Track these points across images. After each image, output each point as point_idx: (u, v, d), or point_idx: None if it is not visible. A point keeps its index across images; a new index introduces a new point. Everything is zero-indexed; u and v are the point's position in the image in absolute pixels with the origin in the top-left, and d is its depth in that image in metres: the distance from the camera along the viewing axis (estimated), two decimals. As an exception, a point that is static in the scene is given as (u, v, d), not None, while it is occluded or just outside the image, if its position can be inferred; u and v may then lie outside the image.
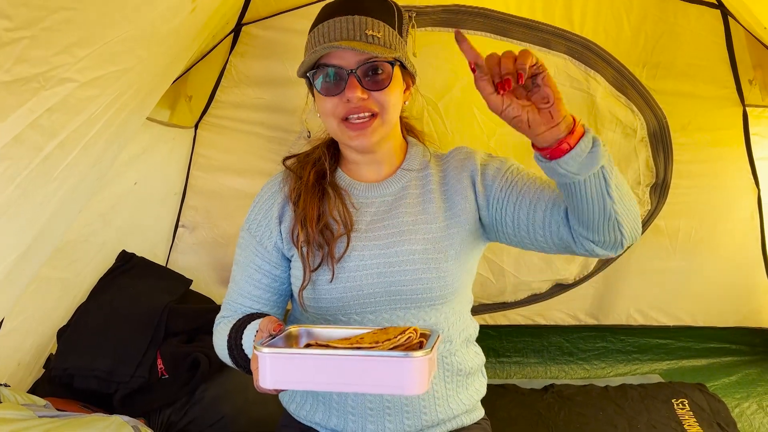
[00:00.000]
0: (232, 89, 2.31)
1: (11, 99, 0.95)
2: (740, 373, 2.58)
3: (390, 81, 1.25)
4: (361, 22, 1.22)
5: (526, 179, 1.29)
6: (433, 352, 0.96)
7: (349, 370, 0.94)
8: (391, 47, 1.25)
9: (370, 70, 1.23)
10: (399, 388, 0.96)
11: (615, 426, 2.19)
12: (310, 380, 0.97)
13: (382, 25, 1.24)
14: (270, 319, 1.14)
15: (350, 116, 1.25)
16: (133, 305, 2.00)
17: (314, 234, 1.29)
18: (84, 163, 1.37)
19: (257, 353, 0.97)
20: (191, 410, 1.87)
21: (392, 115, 1.28)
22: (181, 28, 1.44)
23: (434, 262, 1.27)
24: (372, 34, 1.22)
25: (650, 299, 2.66)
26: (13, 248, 1.32)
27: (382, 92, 1.24)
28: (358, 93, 1.22)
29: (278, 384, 0.98)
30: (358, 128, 1.25)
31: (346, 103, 1.23)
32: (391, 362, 0.92)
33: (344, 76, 1.22)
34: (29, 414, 1.42)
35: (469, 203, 1.32)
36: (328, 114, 1.27)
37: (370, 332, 1.05)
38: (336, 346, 0.99)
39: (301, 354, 0.98)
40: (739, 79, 2.31)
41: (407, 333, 0.99)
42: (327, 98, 1.25)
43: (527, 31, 2.23)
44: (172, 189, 2.38)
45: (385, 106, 1.25)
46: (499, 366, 2.72)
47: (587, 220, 1.14)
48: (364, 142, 1.27)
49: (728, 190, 2.50)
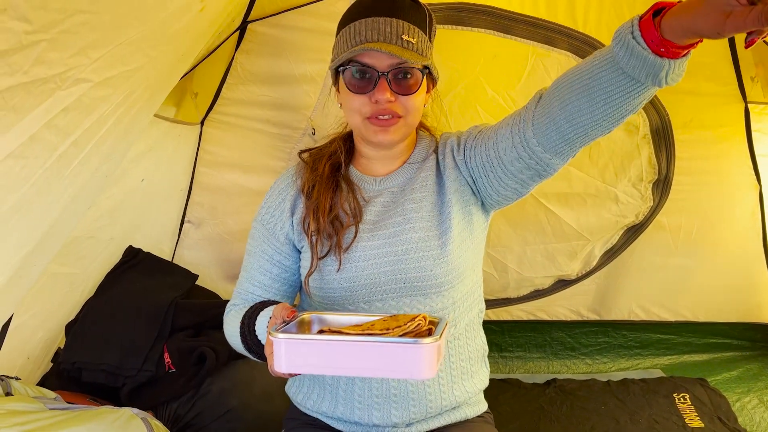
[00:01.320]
0: (237, 86, 2.33)
1: (29, 99, 0.96)
2: (741, 368, 2.61)
3: (418, 87, 1.28)
4: (399, 26, 1.25)
5: (483, 131, 1.33)
6: (442, 339, 1.00)
7: (361, 356, 0.98)
8: (423, 54, 1.27)
9: (400, 74, 1.26)
10: (409, 373, 1.00)
11: (617, 420, 2.21)
12: (324, 365, 1.01)
13: (416, 31, 1.27)
14: (284, 306, 1.17)
15: (376, 115, 1.28)
16: (140, 300, 2.02)
17: (325, 224, 1.33)
18: (95, 161, 1.39)
19: (272, 338, 1.00)
20: (198, 403, 1.89)
21: (415, 119, 1.32)
22: (189, 27, 1.45)
23: (437, 248, 1.30)
24: (408, 39, 1.25)
25: (652, 295, 2.68)
26: (24, 245, 1.34)
27: (409, 97, 1.28)
28: (387, 95, 1.25)
29: (292, 368, 1.01)
30: (382, 125, 1.29)
31: (374, 104, 1.26)
32: (401, 348, 0.96)
33: (375, 76, 1.25)
34: (40, 406, 1.44)
35: (455, 181, 1.35)
36: (354, 110, 1.30)
37: (381, 319, 1.08)
38: (349, 332, 1.02)
39: (315, 339, 1.02)
40: (741, 76, 2.32)
41: (417, 320, 1.03)
42: (355, 95, 1.28)
43: (531, 29, 2.24)
44: (178, 185, 2.39)
45: (410, 111, 1.29)
46: (502, 361, 2.74)
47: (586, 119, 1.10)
48: (386, 139, 1.30)
49: (730, 186, 2.51)
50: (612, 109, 1.08)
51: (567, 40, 2.25)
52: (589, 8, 2.23)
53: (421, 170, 1.39)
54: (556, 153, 1.20)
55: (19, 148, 1.02)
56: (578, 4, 2.23)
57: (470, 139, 1.35)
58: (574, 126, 1.13)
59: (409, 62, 1.24)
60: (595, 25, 2.24)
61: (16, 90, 0.92)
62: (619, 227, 2.55)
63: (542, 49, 2.26)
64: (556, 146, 1.18)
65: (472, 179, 1.35)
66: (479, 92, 2.30)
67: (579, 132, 1.14)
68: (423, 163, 1.41)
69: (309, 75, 2.27)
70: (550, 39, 2.25)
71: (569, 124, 1.14)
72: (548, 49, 2.26)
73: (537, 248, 2.56)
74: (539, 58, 2.28)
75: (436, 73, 1.35)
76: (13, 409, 1.36)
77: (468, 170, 1.35)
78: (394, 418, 1.34)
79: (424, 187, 1.37)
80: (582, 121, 1.12)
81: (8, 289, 1.40)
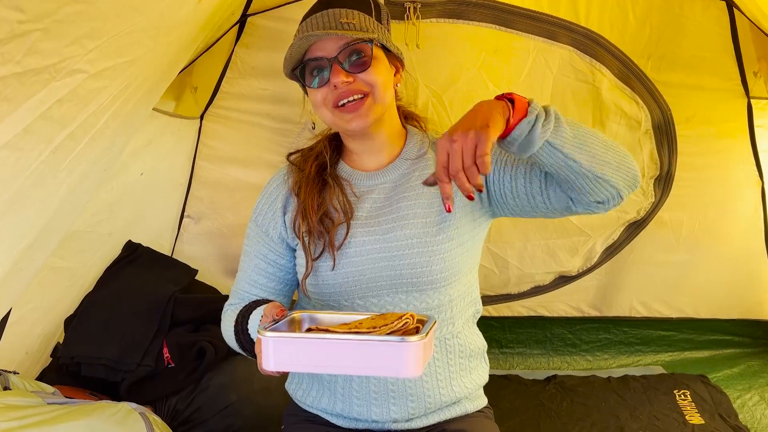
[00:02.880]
0: (237, 80, 2.32)
1: (22, 90, 0.95)
2: (742, 364, 2.59)
3: (371, 60, 1.28)
4: (335, 14, 1.27)
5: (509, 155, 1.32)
6: (429, 337, 1.00)
7: (347, 354, 0.99)
8: (368, 30, 1.28)
9: (350, 54, 1.27)
10: (394, 371, 1.01)
11: (617, 417, 2.20)
12: (310, 363, 1.02)
13: (356, 13, 1.29)
14: (274, 305, 1.18)
15: (342, 101, 1.28)
16: (139, 295, 2.02)
17: (314, 223, 1.33)
18: (92, 154, 1.38)
19: (260, 337, 1.02)
20: (197, 398, 1.88)
21: (383, 95, 1.30)
22: (188, 18, 1.45)
23: (433, 245, 1.30)
24: (346, 21, 1.27)
25: (653, 291, 2.66)
26: (23, 238, 1.33)
27: (366, 72, 1.28)
28: (342, 77, 1.25)
29: (280, 366, 1.03)
30: (351, 110, 1.28)
31: (334, 90, 1.27)
32: (387, 346, 0.97)
33: (326, 65, 1.27)
34: (38, 401, 1.43)
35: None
36: (320, 105, 1.31)
37: (369, 318, 1.09)
38: (335, 331, 1.03)
39: (301, 338, 1.04)
40: (744, 71, 2.31)
41: (404, 318, 1.04)
42: (317, 90, 1.29)
43: (532, 23, 2.22)
44: (177, 179, 2.39)
45: (374, 85, 1.28)
46: (502, 357, 2.74)
47: (568, 185, 1.20)
48: (360, 123, 1.29)
49: (732, 182, 2.49)
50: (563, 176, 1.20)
51: (569, 34, 2.24)
52: (591, 2, 2.21)
53: (417, 167, 1.39)
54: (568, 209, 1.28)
55: (14, 140, 1.01)
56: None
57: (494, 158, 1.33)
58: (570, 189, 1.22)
59: (354, 38, 1.25)
60: (597, 19, 2.22)
61: (8, 80, 0.91)
62: (620, 223, 2.54)
63: (544, 44, 2.25)
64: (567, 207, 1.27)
65: (487, 192, 1.34)
66: (480, 87, 2.29)
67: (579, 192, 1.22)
68: (418, 161, 1.40)
69: (309, 69, 2.25)
70: (551, 33, 2.24)
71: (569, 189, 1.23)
72: (550, 43, 2.25)
73: (538, 244, 2.54)
74: (541, 52, 2.26)
75: (396, 51, 1.35)
76: (11, 404, 1.35)
77: (489, 189, 1.34)
78: (393, 414, 1.34)
79: (421, 185, 1.36)
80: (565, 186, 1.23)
81: (7, 283, 1.40)
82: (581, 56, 2.26)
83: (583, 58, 2.27)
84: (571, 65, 2.28)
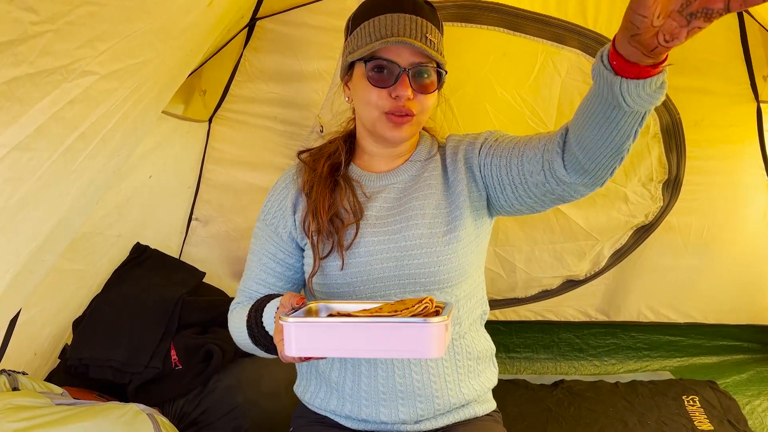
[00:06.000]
0: (245, 84, 2.33)
1: (35, 91, 0.96)
2: (751, 370, 2.58)
3: (435, 87, 1.29)
4: (423, 24, 1.26)
5: (503, 143, 1.32)
6: (449, 319, 1.01)
7: (370, 337, 1.00)
8: (442, 54, 1.29)
9: (420, 73, 1.27)
10: (419, 352, 1.02)
11: (625, 422, 2.19)
12: (333, 347, 1.03)
13: (436, 31, 1.29)
14: (291, 294, 1.17)
15: (393, 111, 1.28)
16: (147, 297, 2.02)
17: (324, 223, 1.33)
18: (102, 156, 1.39)
19: (282, 323, 1.02)
20: (204, 401, 1.89)
21: (425, 118, 1.34)
22: (197, 21, 1.45)
23: (441, 245, 1.30)
24: (430, 38, 1.26)
25: (661, 296, 2.65)
26: (32, 239, 1.34)
27: (425, 96, 1.29)
28: (408, 93, 1.25)
29: (303, 351, 1.03)
30: (396, 122, 1.29)
31: (394, 99, 1.26)
32: (410, 327, 0.98)
33: (397, 72, 1.25)
34: (47, 402, 1.44)
35: (466, 185, 1.35)
36: (371, 104, 1.29)
37: (389, 303, 1.10)
38: (357, 315, 1.04)
39: (324, 322, 1.04)
40: (753, 76, 2.30)
41: (424, 302, 1.04)
42: (374, 89, 1.28)
43: (540, 26, 2.23)
44: (185, 182, 2.40)
45: (424, 110, 1.31)
46: (509, 361, 2.73)
47: (597, 151, 1.10)
48: (398, 135, 1.31)
49: (741, 187, 2.49)
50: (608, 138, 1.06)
51: (577, 38, 2.24)
52: (600, 6, 2.21)
53: (425, 169, 1.40)
54: (584, 184, 1.19)
55: (26, 140, 1.02)
56: (589, 2, 2.21)
57: (486, 147, 1.35)
58: (591, 159, 1.12)
59: (433, 61, 1.26)
60: (606, 22, 2.22)
61: (21, 81, 0.91)
62: (628, 227, 2.53)
63: (552, 47, 2.25)
64: (582, 179, 1.18)
65: (484, 185, 1.35)
66: (488, 91, 2.29)
67: (598, 164, 1.13)
68: (426, 162, 1.41)
69: (317, 72, 2.26)
70: (560, 37, 2.24)
71: (587, 158, 1.12)
72: (558, 47, 2.25)
73: (545, 248, 2.54)
74: (549, 56, 2.26)
75: (444, 77, 1.35)
76: (20, 404, 1.36)
77: (482, 177, 1.35)
78: (402, 415, 1.33)
79: (429, 186, 1.37)
80: (595, 153, 1.11)
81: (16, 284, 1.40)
82: (590, 60, 2.26)
83: (592, 61, 2.26)
84: (580, 69, 2.28)
